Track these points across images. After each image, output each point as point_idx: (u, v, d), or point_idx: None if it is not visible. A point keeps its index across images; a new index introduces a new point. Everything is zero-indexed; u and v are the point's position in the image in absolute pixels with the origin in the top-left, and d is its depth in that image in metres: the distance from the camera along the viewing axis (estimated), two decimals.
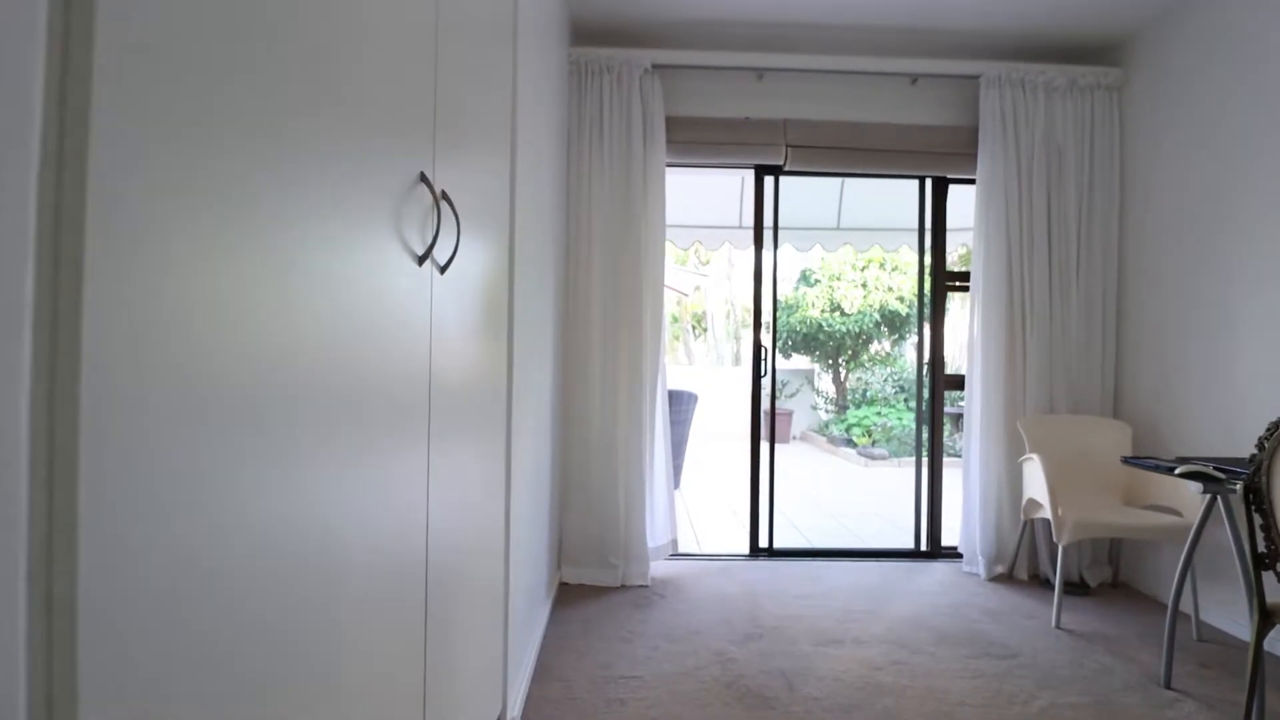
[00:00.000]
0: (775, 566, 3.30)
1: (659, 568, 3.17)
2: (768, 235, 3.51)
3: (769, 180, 3.49)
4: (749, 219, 3.53)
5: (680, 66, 3.24)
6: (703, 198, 4.57)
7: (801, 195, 4.49)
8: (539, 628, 2.42)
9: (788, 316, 8.88)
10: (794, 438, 9.03)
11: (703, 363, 11.49)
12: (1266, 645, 2.16)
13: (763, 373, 3.46)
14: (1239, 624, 2.61)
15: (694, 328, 11.65)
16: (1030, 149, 3.20)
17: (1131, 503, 2.96)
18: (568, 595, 2.86)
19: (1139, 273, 3.14)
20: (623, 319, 3.08)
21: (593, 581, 2.98)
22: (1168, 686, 2.18)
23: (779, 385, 9.07)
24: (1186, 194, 2.89)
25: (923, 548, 3.57)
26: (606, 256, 3.08)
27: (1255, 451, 1.69)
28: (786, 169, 3.41)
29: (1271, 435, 1.63)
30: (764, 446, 3.54)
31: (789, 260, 9.21)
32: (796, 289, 9.15)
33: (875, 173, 3.45)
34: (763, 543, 3.52)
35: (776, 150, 3.34)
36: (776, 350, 9.25)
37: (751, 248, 3.50)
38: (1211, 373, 2.76)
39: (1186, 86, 2.90)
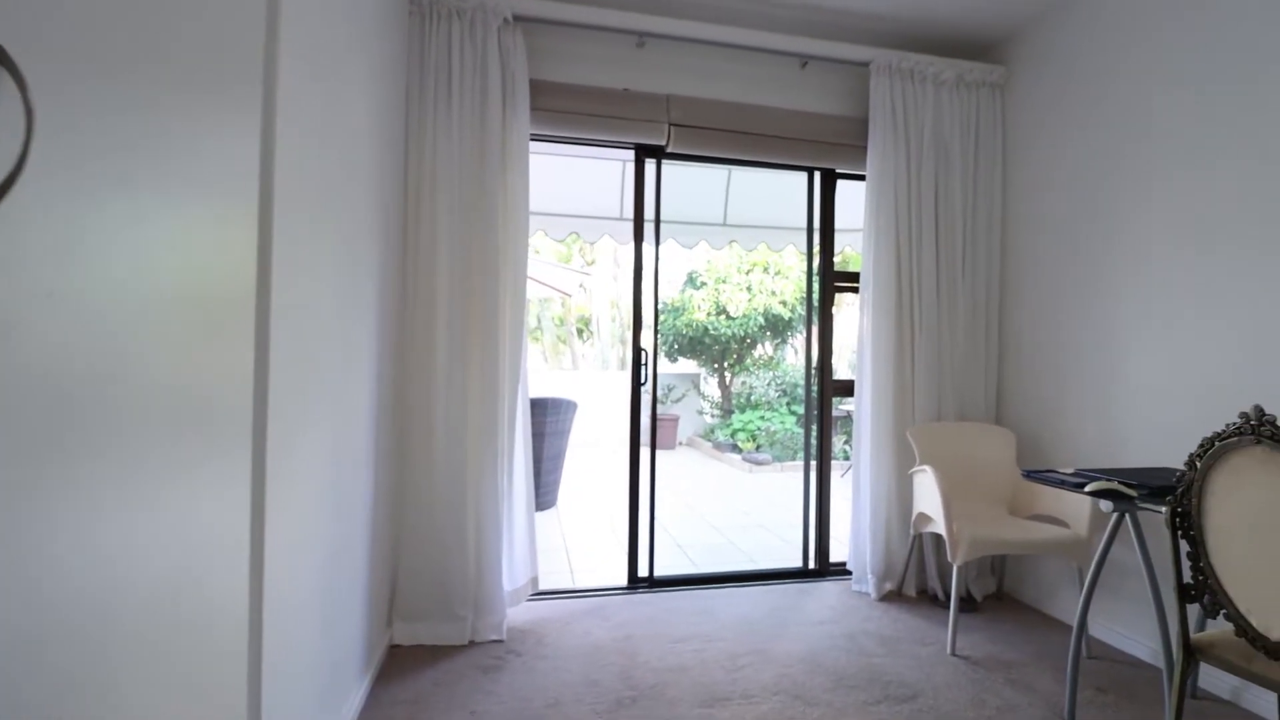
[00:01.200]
0: (657, 601, 2.89)
1: (518, 614, 2.66)
2: (649, 228, 3.11)
3: (651, 164, 3.10)
4: (631, 210, 3.12)
5: (547, 21, 2.77)
6: (580, 183, 4.11)
7: (687, 187, 4.17)
8: (347, 718, 1.83)
9: (674, 319, 8.64)
10: (680, 443, 8.80)
11: (589, 367, 11.04)
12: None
13: (643, 380, 3.05)
14: (1124, 637, 2.53)
15: (580, 331, 11.17)
16: (919, 143, 3.05)
17: (1017, 512, 2.85)
18: (398, 663, 2.28)
19: (1020, 277, 3.07)
20: (475, 315, 2.54)
21: (433, 640, 2.41)
22: None
23: (665, 390, 8.80)
24: (1064, 199, 2.83)
25: (811, 565, 3.32)
26: (455, 240, 2.53)
27: (1184, 470, 1.49)
28: (669, 150, 3.03)
29: (1205, 453, 1.42)
30: (645, 459, 3.13)
31: (674, 258, 8.99)
32: (683, 291, 8.93)
33: (763, 160, 3.16)
34: (643, 571, 3.11)
35: (659, 129, 2.96)
36: (662, 354, 8.94)
37: (633, 242, 3.08)
38: (1092, 381, 2.69)
39: (1064, 87, 2.84)
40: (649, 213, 3.11)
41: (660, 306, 8.89)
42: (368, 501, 2.06)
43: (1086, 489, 1.89)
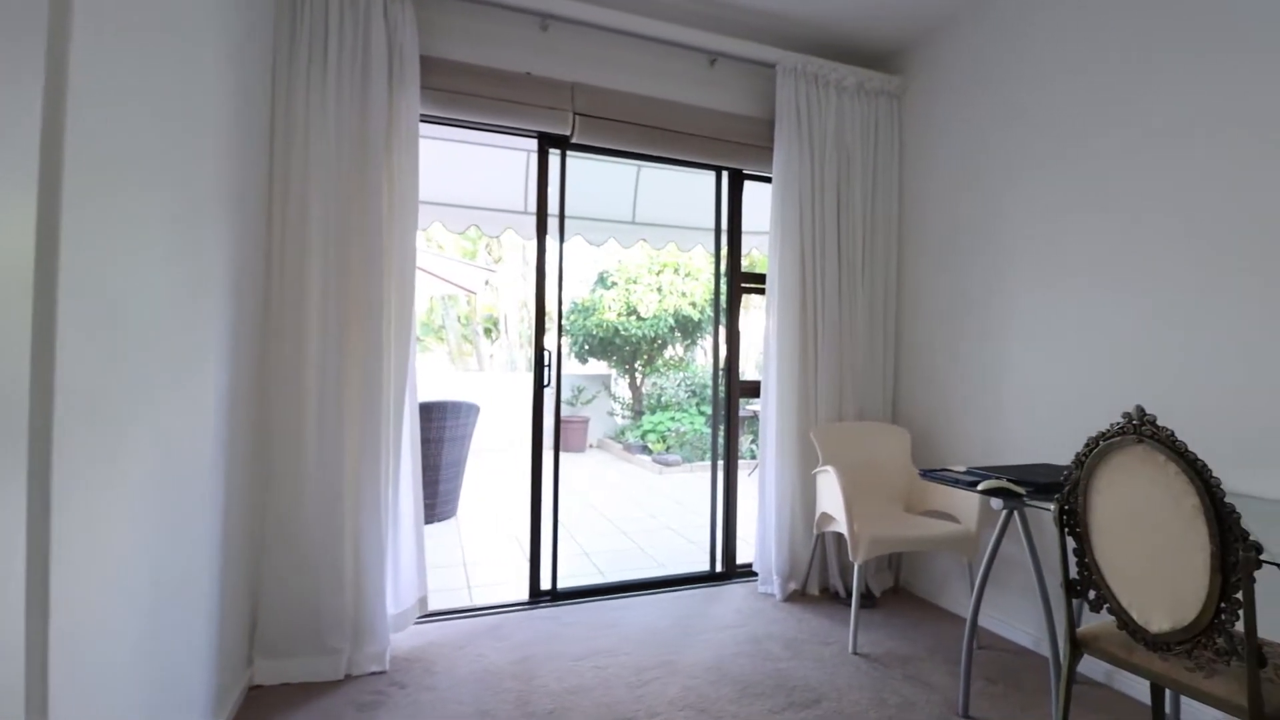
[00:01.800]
0: (559, 615, 2.74)
1: (405, 640, 2.42)
2: (554, 223, 2.95)
3: (555, 156, 2.94)
4: (535, 204, 2.95)
5: None
6: (481, 173, 3.88)
7: (595, 183, 4.03)
8: None
9: (584, 319, 8.49)
10: (590, 446, 8.66)
11: (497, 368, 10.67)
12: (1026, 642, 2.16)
13: (546, 381, 2.89)
14: (1009, 626, 2.65)
15: (488, 330, 10.78)
16: (823, 148, 3.08)
17: (912, 508, 2.93)
18: (259, 706, 1.99)
19: (915, 281, 3.18)
20: (355, 311, 2.28)
21: (303, 677, 2.13)
22: (965, 715, 2.05)
23: (575, 391, 8.63)
24: (955, 207, 2.95)
25: (719, 568, 3.29)
26: (332, 228, 2.27)
27: (1070, 469, 1.52)
28: (575, 141, 2.88)
29: (1091, 452, 1.45)
30: (550, 464, 2.96)
31: (582, 255, 8.83)
32: (594, 291, 8.79)
33: (672, 157, 3.09)
34: (545, 583, 2.94)
35: (563, 117, 2.81)
36: (570, 354, 8.76)
37: (546, 237, 2.91)
38: (979, 382, 2.81)
39: (954, 100, 2.96)
40: (553, 207, 2.95)
41: (570, 306, 8.74)
42: (217, 525, 1.77)
43: (979, 488, 1.93)
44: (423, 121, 2.63)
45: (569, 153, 2.97)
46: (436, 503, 4.31)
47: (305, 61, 2.25)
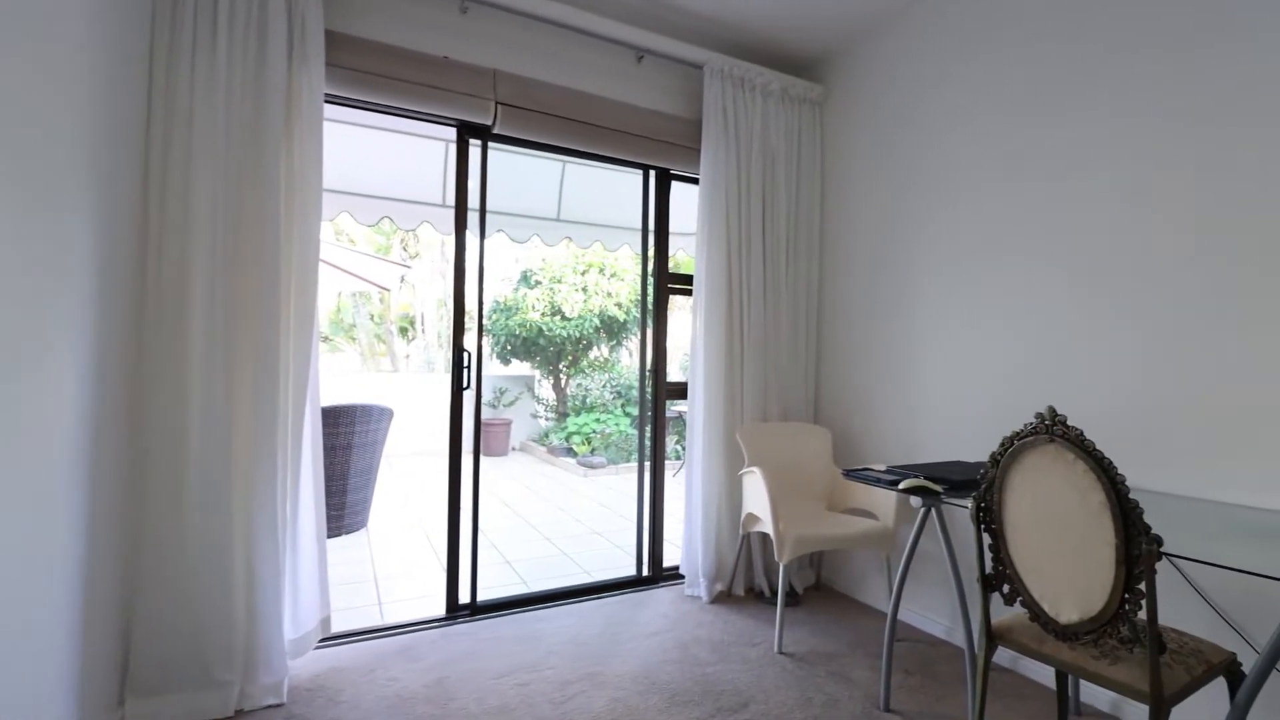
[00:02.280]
0: (478, 630, 2.60)
1: (307, 666, 2.22)
2: (474, 217, 2.81)
3: (476, 146, 2.80)
4: (454, 197, 2.79)
5: None
6: (397, 162, 3.65)
7: (518, 176, 3.90)
8: None
9: (507, 319, 8.25)
10: (513, 449, 8.44)
11: (414, 369, 10.21)
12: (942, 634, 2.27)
13: (466, 383, 2.74)
14: (923, 618, 2.75)
15: (404, 330, 10.29)
16: (749, 150, 3.10)
17: (833, 507, 3.00)
18: None
19: (836, 284, 3.26)
20: (246, 306, 2.06)
21: (186, 717, 1.90)
22: (887, 708, 2.09)
23: (497, 393, 8.38)
24: (872, 213, 3.04)
25: (645, 572, 3.24)
26: (220, 214, 2.04)
27: (986, 468, 1.57)
28: (497, 131, 2.76)
29: (1006, 452, 1.50)
30: (469, 473, 2.81)
31: (504, 252, 8.60)
32: (517, 290, 8.56)
33: (598, 153, 3.01)
34: (464, 596, 2.79)
35: (484, 106, 2.68)
36: (491, 355, 8.49)
37: (466, 232, 2.76)
38: (896, 383, 2.90)
39: (872, 109, 3.05)
40: (474, 201, 2.81)
41: (492, 305, 8.48)
42: (77, 550, 1.54)
43: (900, 487, 1.97)
44: (330, 103, 2.43)
45: (491, 144, 2.83)
46: (345, 514, 4.03)
47: (190, 27, 2.01)
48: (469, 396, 2.76)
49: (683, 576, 3.14)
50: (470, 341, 2.77)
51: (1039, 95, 2.35)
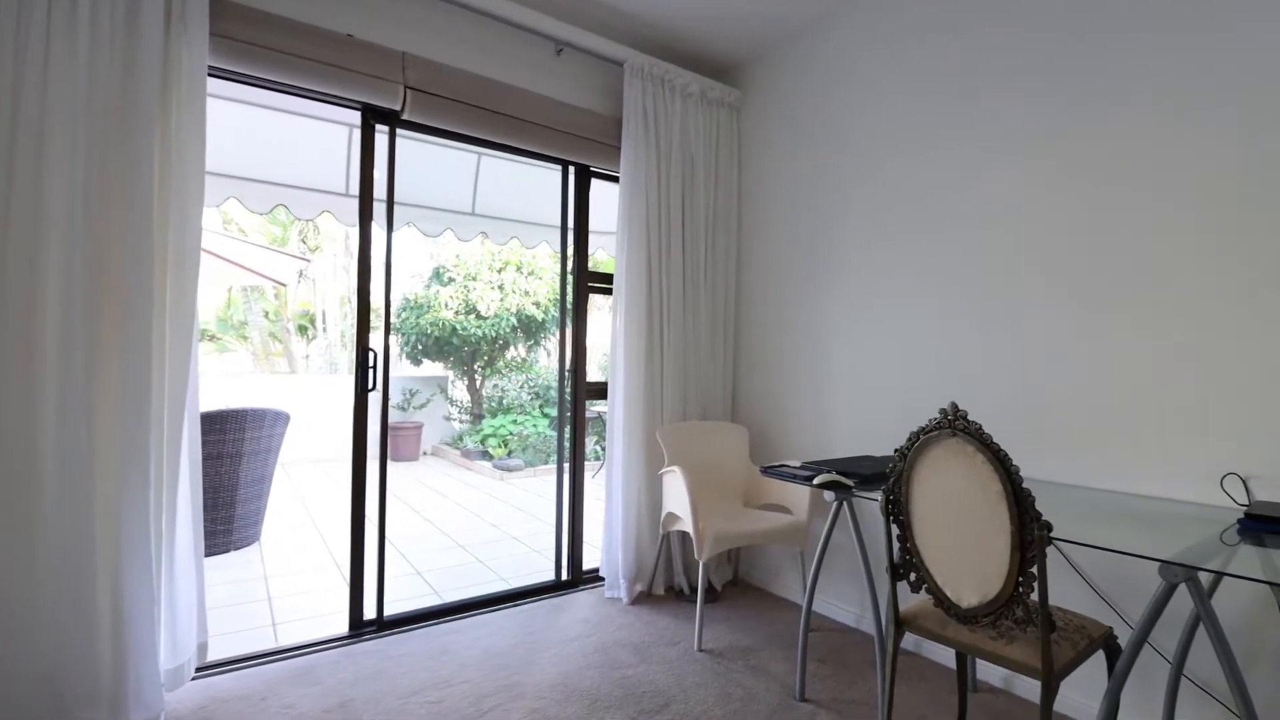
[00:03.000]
0: (386, 648, 2.45)
1: (187, 698, 2.00)
2: (380, 208, 2.64)
3: (383, 132, 2.64)
4: (359, 185, 2.61)
5: None
6: (295, 146, 3.38)
7: (430, 167, 3.71)
8: None
9: (417, 317, 7.88)
10: (425, 453, 8.09)
11: (314, 370, 9.58)
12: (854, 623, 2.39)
13: (371, 385, 2.57)
14: (834, 607, 2.85)
15: (303, 328, 9.63)
16: (669, 150, 3.11)
17: (750, 502, 3.06)
18: None
19: (752, 285, 3.33)
20: (112, 298, 1.83)
21: None
22: (802, 698, 2.14)
23: (407, 395, 8.02)
24: (785, 217, 3.13)
25: (565, 576, 3.18)
26: (79, 195, 1.80)
27: (895, 462, 1.63)
28: (406, 118, 2.61)
29: (912, 446, 1.57)
30: (374, 479, 2.65)
31: (415, 247, 8.22)
32: (428, 287, 8.20)
33: (516, 146, 2.92)
34: (370, 612, 2.62)
35: (393, 90, 2.53)
36: (401, 355, 8.10)
37: (371, 223, 2.58)
38: (809, 381, 3.00)
39: (785, 115, 3.14)
40: (380, 190, 2.64)
41: (401, 302, 8.09)
42: None
43: (814, 482, 2.02)
44: (216, 77, 2.22)
45: (400, 130, 2.68)
46: (234, 528, 3.70)
47: None
48: (375, 399, 2.59)
49: (603, 579, 3.10)
50: (377, 341, 2.60)
51: (938, 108, 2.49)
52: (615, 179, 3.14)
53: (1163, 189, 1.90)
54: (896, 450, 1.63)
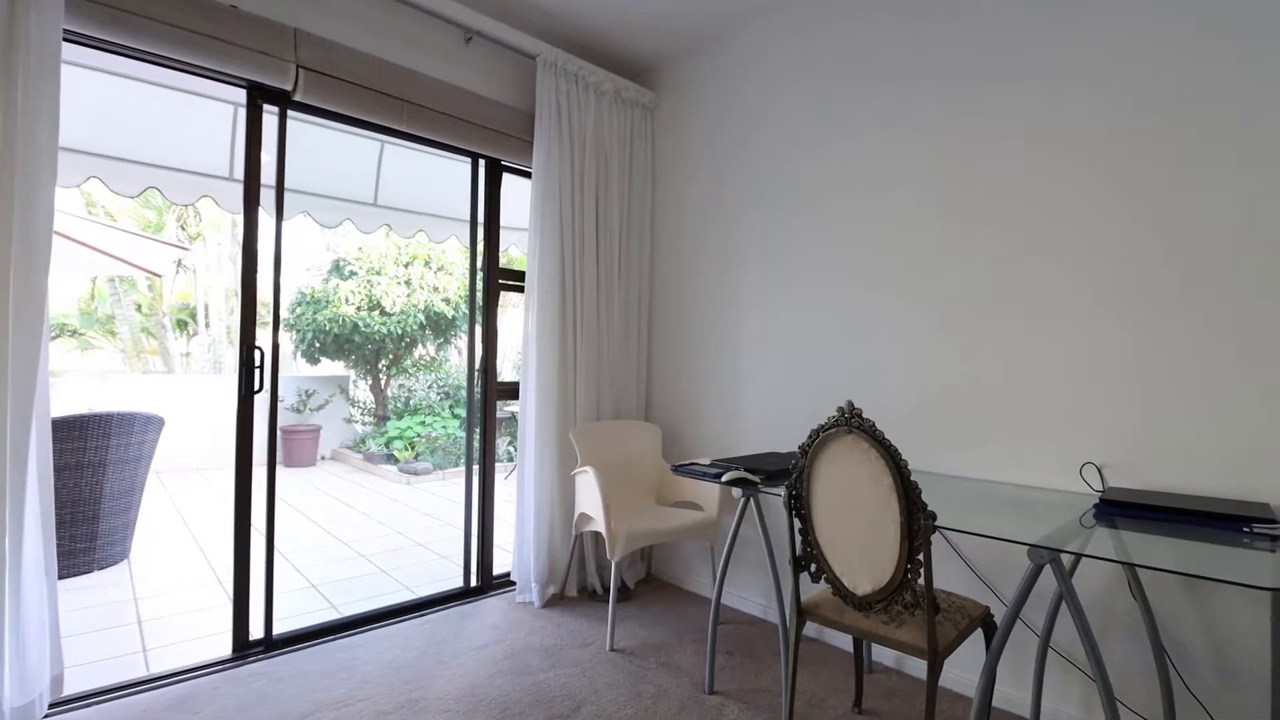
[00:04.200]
0: (275, 669, 2.28)
1: None
2: (268, 194, 2.45)
3: (272, 114, 2.45)
4: (244, 169, 2.40)
5: None
6: (171, 124, 3.08)
7: (327, 153, 3.48)
8: None
9: (315, 313, 7.39)
10: (323, 458, 7.61)
11: (196, 370, 8.78)
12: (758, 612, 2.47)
13: (258, 386, 2.38)
14: (742, 599, 2.93)
15: (183, 324, 8.80)
16: (583, 148, 3.08)
17: (662, 500, 3.09)
18: None
19: (666, 284, 3.37)
20: None
21: None
22: (711, 691, 2.19)
23: (302, 396, 7.53)
24: (698, 218, 3.19)
25: (474, 582, 3.09)
26: None
27: (797, 458, 1.69)
28: (298, 99, 2.43)
29: (813, 443, 1.63)
30: (262, 487, 2.45)
31: (313, 238, 7.72)
32: (327, 281, 7.71)
33: (422, 135, 2.79)
34: (257, 631, 2.43)
35: (283, 69, 2.35)
36: (296, 353, 7.59)
37: (258, 210, 2.38)
38: (721, 380, 3.07)
39: (700, 119, 3.20)
40: (269, 175, 2.45)
41: (296, 297, 7.57)
42: None
43: (722, 479, 2.07)
44: (74, 43, 1.98)
45: (291, 112, 2.50)
46: (96, 545, 3.33)
47: None
48: (262, 400, 2.40)
49: (514, 583, 3.04)
50: (265, 338, 2.41)
51: (847, 115, 2.61)
52: (528, 174, 3.08)
53: (1026, 212, 2.09)
54: (799, 447, 1.69)
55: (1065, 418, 2.01)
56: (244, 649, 2.38)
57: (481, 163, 3.09)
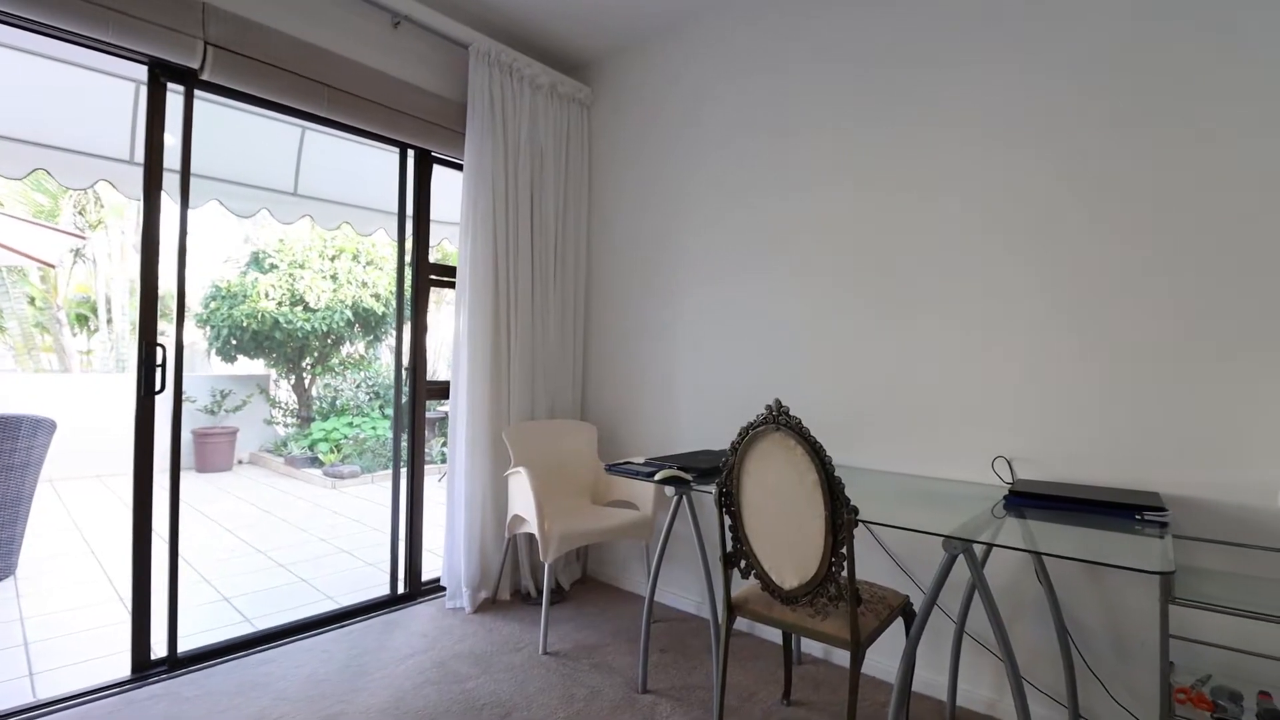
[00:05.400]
0: (181, 689, 2.12)
1: None
2: (173, 179, 2.28)
3: (177, 93, 2.28)
4: (145, 152, 2.22)
5: None
6: (62, 101, 2.81)
7: (241, 138, 3.27)
8: None
9: (231, 308, 6.95)
10: (240, 462, 7.18)
11: (96, 369, 8.12)
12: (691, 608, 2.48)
13: (160, 386, 2.21)
14: (676, 596, 2.95)
15: (81, 318, 8.11)
16: (517, 142, 3.02)
17: (598, 500, 3.07)
18: None
19: (602, 283, 3.34)
20: None
21: None
22: (645, 690, 2.18)
23: (217, 397, 7.09)
24: (634, 217, 3.19)
25: (401, 589, 2.97)
26: None
27: (727, 456, 1.71)
28: (206, 78, 2.27)
29: (742, 440, 1.65)
30: (165, 495, 2.28)
31: (227, 227, 7.26)
32: (245, 274, 7.26)
33: (345, 122, 2.66)
34: (160, 649, 2.26)
35: (189, 45, 2.19)
36: (210, 350, 7.14)
37: (160, 196, 2.20)
38: (656, 378, 3.07)
39: (637, 117, 3.19)
40: (174, 159, 2.28)
41: (209, 290, 7.10)
42: None
43: (655, 478, 2.07)
44: None
45: (199, 92, 2.33)
46: None
47: None
48: (164, 401, 2.23)
49: (444, 589, 2.95)
50: (170, 334, 2.24)
51: (781, 117, 2.66)
52: (459, 166, 2.99)
53: (943, 220, 2.19)
54: (730, 445, 1.70)
55: (979, 414, 2.11)
56: (144, 669, 2.21)
57: (410, 153, 2.98)
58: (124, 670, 2.22)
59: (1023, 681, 1.57)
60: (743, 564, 1.74)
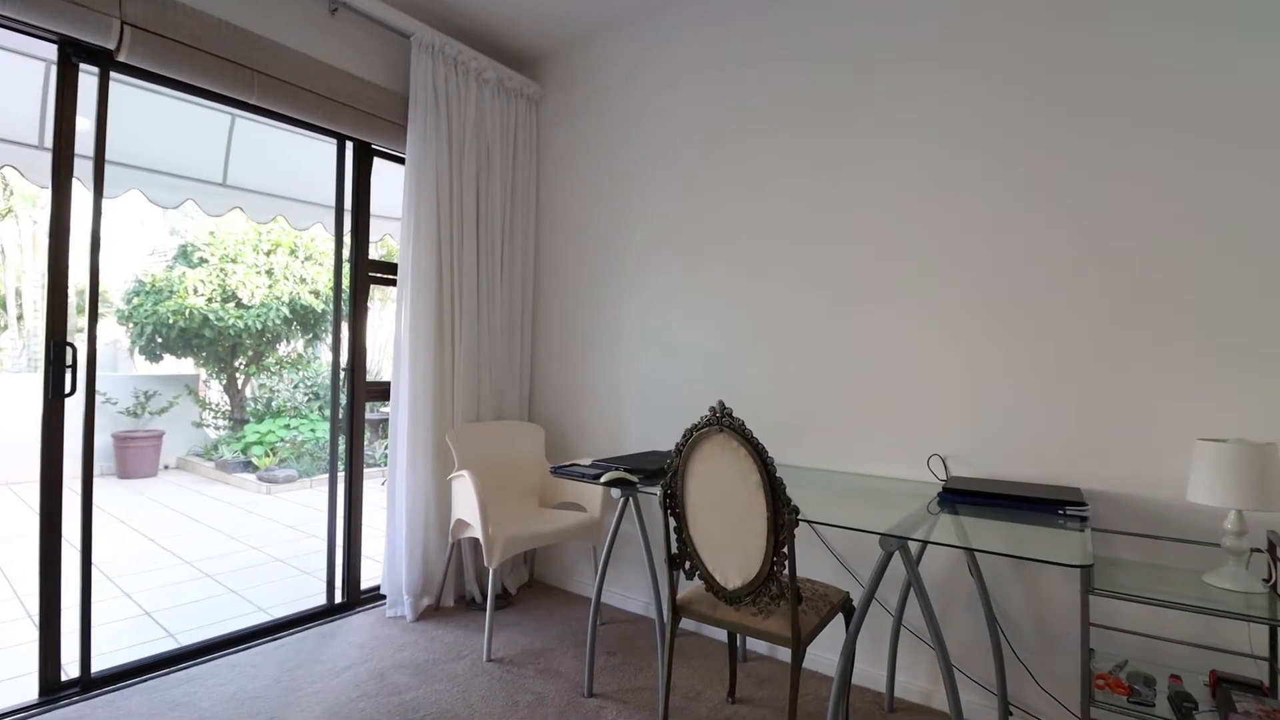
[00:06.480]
0: (94, 712, 1.97)
1: None
2: (85, 165, 2.12)
3: (91, 74, 2.12)
4: (53, 136, 2.06)
5: None
6: None
7: (164, 124, 3.08)
8: None
9: (156, 304, 6.56)
10: (166, 467, 6.79)
11: (4, 370, 7.53)
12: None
13: (69, 388, 2.06)
14: (623, 598, 2.94)
15: None
16: (462, 137, 2.95)
17: (546, 502, 3.03)
18: None
19: (549, 283, 3.30)
20: None
21: None
22: (590, 694, 2.16)
23: (140, 398, 6.69)
24: (583, 217, 3.16)
25: (339, 599, 2.86)
26: None
27: (672, 457, 1.71)
28: (123, 59, 2.12)
29: (687, 442, 1.65)
30: (76, 504, 2.12)
31: (152, 219, 6.85)
32: (171, 268, 6.86)
33: (278, 111, 2.54)
34: (73, 669, 2.10)
35: (104, 24, 2.04)
36: (133, 348, 6.74)
37: (71, 183, 2.05)
38: (603, 380, 3.06)
39: (587, 115, 3.17)
40: (86, 145, 2.12)
41: (132, 285, 6.69)
42: None
43: (601, 480, 2.05)
44: None
45: (115, 74, 2.18)
46: None
47: None
48: (75, 405, 2.08)
49: (384, 597, 2.85)
50: (82, 332, 2.09)
51: (732, 113, 2.68)
52: (402, 160, 2.90)
53: (882, 221, 2.25)
54: (675, 446, 1.70)
55: (915, 413, 2.18)
56: (54, 691, 2.05)
57: (349, 145, 2.87)
58: (31, 693, 2.05)
59: (955, 671, 1.63)
60: (687, 565, 1.74)
